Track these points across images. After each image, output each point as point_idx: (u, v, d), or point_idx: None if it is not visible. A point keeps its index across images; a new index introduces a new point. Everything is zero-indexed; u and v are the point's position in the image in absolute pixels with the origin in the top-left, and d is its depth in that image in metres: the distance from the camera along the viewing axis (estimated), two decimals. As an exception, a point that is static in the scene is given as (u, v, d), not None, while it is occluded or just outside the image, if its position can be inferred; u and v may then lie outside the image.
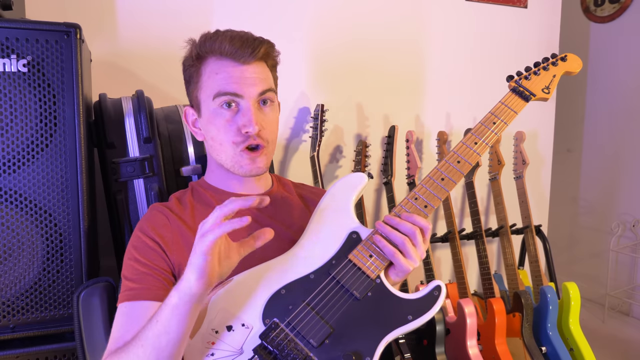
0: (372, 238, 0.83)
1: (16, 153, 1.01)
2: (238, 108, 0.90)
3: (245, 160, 0.91)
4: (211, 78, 0.90)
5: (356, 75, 1.97)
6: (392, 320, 0.79)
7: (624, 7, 2.60)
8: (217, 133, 0.91)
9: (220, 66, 0.89)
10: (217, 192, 0.99)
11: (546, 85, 0.96)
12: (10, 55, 0.99)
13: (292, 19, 1.83)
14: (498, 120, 0.91)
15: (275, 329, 0.77)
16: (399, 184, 1.98)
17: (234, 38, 0.88)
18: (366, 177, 0.90)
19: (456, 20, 2.14)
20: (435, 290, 0.80)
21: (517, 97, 0.94)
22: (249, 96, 0.89)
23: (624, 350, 2.31)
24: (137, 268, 0.87)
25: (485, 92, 2.20)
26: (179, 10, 1.65)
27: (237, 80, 0.88)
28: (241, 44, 0.87)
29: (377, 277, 0.81)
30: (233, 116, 0.90)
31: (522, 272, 2.09)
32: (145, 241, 0.89)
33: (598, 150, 2.82)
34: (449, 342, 1.70)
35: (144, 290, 0.85)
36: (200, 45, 0.90)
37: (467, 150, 0.89)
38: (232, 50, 0.87)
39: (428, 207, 0.85)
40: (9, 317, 1.04)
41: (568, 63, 0.98)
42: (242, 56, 0.88)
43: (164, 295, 0.84)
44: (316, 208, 0.90)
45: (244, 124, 0.88)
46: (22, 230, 1.03)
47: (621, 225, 2.65)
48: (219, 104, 0.89)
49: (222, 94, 0.88)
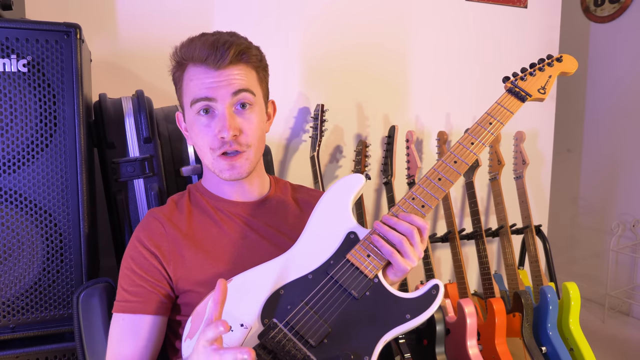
0: (370, 238, 0.83)
1: (16, 153, 1.02)
2: (214, 114, 0.89)
3: (223, 166, 0.91)
4: (188, 85, 0.90)
5: (356, 75, 1.97)
6: (390, 319, 0.79)
7: (624, 7, 2.60)
8: (196, 139, 0.92)
9: (195, 73, 0.89)
10: (213, 198, 0.99)
11: (542, 85, 0.96)
12: (10, 55, 0.99)
13: (292, 18, 1.83)
14: (494, 121, 0.92)
15: (273, 329, 0.77)
16: (399, 184, 1.98)
17: (205, 44, 0.87)
18: (364, 178, 0.91)
19: (456, 20, 2.14)
20: (433, 289, 0.80)
21: (513, 97, 0.94)
22: (222, 99, 0.88)
23: (624, 350, 2.31)
24: (134, 280, 0.88)
25: (486, 92, 2.20)
26: (179, 11, 1.65)
27: (208, 85, 0.87)
28: (211, 49, 0.86)
29: (375, 277, 0.81)
30: (209, 122, 0.90)
31: (522, 272, 2.09)
32: (142, 252, 0.90)
33: (598, 150, 2.81)
34: (449, 342, 1.70)
35: (139, 303, 0.87)
36: (178, 53, 0.91)
37: (463, 150, 0.90)
38: (203, 56, 0.87)
39: (425, 206, 0.86)
40: (9, 317, 1.04)
41: (563, 64, 0.99)
42: (214, 61, 0.87)
43: (160, 308, 0.88)
44: (314, 208, 0.90)
45: (219, 129, 0.88)
46: (22, 230, 1.03)
47: (621, 225, 2.65)
48: (196, 111, 0.90)
49: (195, 101, 0.89)
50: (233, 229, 0.95)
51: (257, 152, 0.94)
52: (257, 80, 0.94)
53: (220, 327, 0.64)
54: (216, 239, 0.93)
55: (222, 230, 0.94)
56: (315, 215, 0.89)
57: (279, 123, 1.86)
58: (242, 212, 0.97)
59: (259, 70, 0.94)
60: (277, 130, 1.87)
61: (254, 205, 0.99)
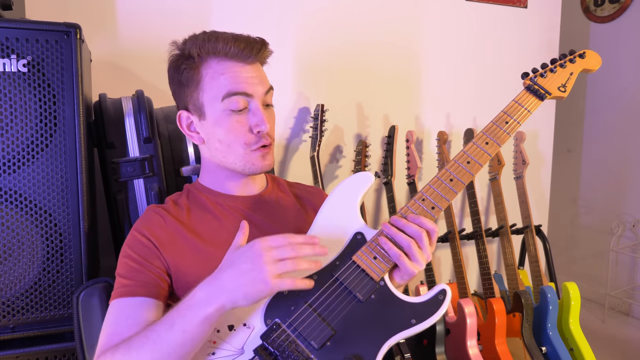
0: (377, 239, 0.82)
1: (16, 153, 1.01)
2: (248, 108, 0.90)
3: (257, 159, 0.91)
4: (215, 79, 0.88)
5: (356, 75, 1.97)
6: (395, 323, 0.78)
7: (624, 7, 2.60)
8: (225, 135, 0.90)
9: (225, 67, 0.87)
10: (212, 193, 0.99)
11: (562, 83, 0.91)
12: (10, 55, 0.99)
13: (292, 18, 1.83)
14: (511, 120, 0.88)
15: (276, 330, 0.76)
16: (399, 184, 1.99)
17: (237, 39, 0.87)
18: (373, 176, 0.89)
19: (456, 20, 2.14)
20: (440, 294, 0.79)
21: (532, 95, 0.90)
22: (258, 96, 0.89)
23: (624, 350, 2.31)
24: (130, 265, 0.86)
25: (486, 92, 2.20)
26: (180, 10, 1.65)
27: (245, 80, 0.88)
28: (246, 45, 0.87)
29: (381, 280, 0.80)
30: (241, 117, 0.89)
31: (522, 272, 2.09)
32: (139, 239, 0.89)
33: (598, 150, 2.82)
34: (449, 342, 1.70)
35: (137, 286, 0.84)
36: (199, 46, 0.88)
37: (477, 150, 0.86)
38: (236, 51, 0.87)
39: (435, 208, 0.83)
40: (9, 317, 1.04)
41: (586, 60, 0.94)
42: (247, 57, 0.87)
43: (157, 292, 0.84)
44: (322, 207, 0.89)
45: (257, 123, 0.88)
46: (22, 230, 1.03)
47: (621, 225, 2.65)
48: (228, 105, 0.88)
49: (232, 94, 0.87)
50: (233, 223, 0.94)
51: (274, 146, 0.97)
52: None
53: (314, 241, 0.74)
54: (216, 232, 0.92)
55: (222, 223, 0.94)
56: (322, 214, 0.88)
57: (279, 123, 1.86)
58: (242, 207, 0.97)
59: None
60: (277, 130, 1.85)
61: (253, 200, 0.99)
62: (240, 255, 0.74)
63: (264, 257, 0.71)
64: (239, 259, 0.73)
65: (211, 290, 0.72)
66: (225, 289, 0.71)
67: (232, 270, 0.72)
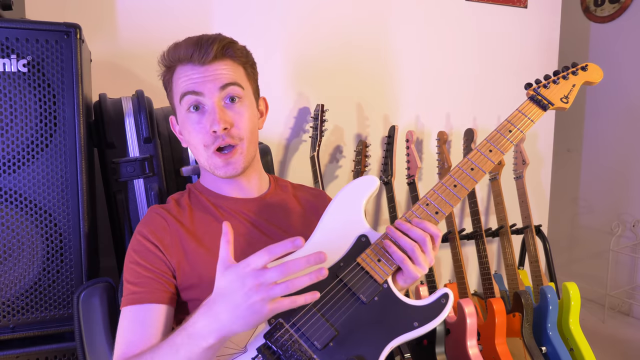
0: (382, 242, 0.83)
1: (16, 153, 1.01)
2: (204, 110, 0.90)
3: (218, 163, 0.91)
4: (176, 84, 0.92)
5: (356, 75, 1.97)
6: (397, 326, 0.78)
7: (624, 7, 2.60)
8: (189, 137, 0.93)
9: (183, 71, 0.90)
10: (212, 195, 0.99)
11: (565, 94, 0.94)
12: (10, 55, 0.99)
13: (292, 18, 1.83)
14: (514, 129, 0.90)
15: (279, 329, 0.76)
16: (399, 184, 1.99)
17: (189, 43, 0.90)
18: (378, 180, 0.90)
19: (456, 20, 2.14)
20: (442, 298, 0.80)
21: (535, 105, 0.92)
22: (210, 94, 0.89)
23: (624, 350, 2.31)
24: (139, 272, 0.87)
25: (486, 92, 2.20)
26: (179, 10, 1.65)
27: (196, 79, 0.89)
28: (195, 46, 0.89)
29: (384, 282, 0.81)
30: (200, 118, 0.90)
31: (522, 272, 2.09)
32: (146, 245, 0.89)
33: (598, 150, 2.82)
34: (449, 342, 1.70)
35: (148, 293, 0.85)
36: (166, 57, 0.92)
37: (481, 157, 0.88)
38: (189, 54, 0.89)
39: (439, 213, 0.84)
40: (9, 317, 1.04)
41: (589, 73, 0.96)
42: (199, 57, 0.88)
43: (167, 298, 0.86)
44: (327, 209, 0.89)
45: (210, 123, 0.88)
46: (22, 230, 1.03)
47: (621, 225, 2.66)
48: (186, 108, 0.91)
49: (183, 95, 0.90)
50: (235, 226, 0.94)
51: (250, 145, 0.93)
52: (245, 75, 0.95)
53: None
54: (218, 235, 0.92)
55: None
56: (327, 216, 0.88)
57: (279, 123, 1.86)
58: (244, 209, 0.97)
59: (246, 67, 0.95)
60: (277, 130, 1.87)
61: (255, 203, 0.99)
62: (229, 283, 0.69)
63: (254, 288, 0.66)
64: (228, 289, 0.69)
65: (209, 323, 0.70)
66: (223, 321, 0.69)
67: (226, 303, 0.69)
